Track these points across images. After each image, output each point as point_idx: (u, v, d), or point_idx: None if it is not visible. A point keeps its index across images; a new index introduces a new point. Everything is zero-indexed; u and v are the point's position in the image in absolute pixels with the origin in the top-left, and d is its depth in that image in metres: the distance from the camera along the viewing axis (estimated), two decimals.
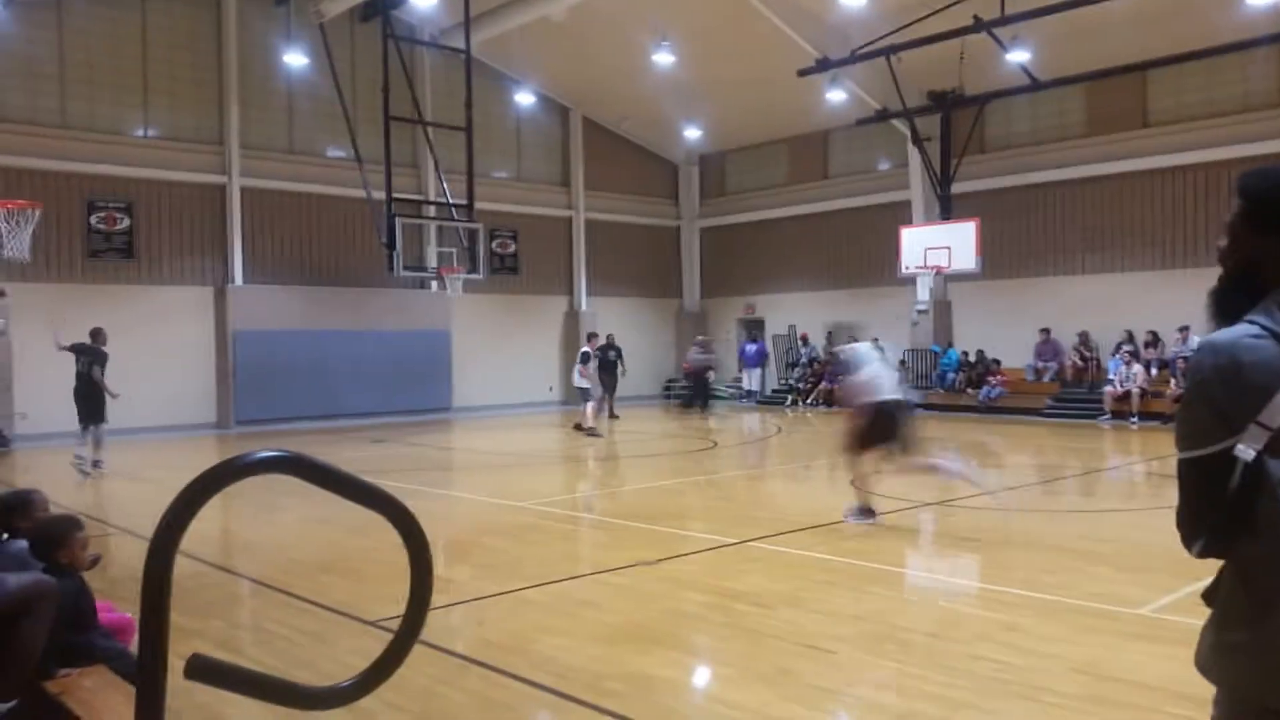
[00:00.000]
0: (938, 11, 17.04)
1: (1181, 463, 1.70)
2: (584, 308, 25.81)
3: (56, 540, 3.66)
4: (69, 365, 13.38)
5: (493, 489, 12.20)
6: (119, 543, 8.40)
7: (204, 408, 19.81)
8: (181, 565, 6.23)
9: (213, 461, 1.52)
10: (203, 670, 1.51)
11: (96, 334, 13.28)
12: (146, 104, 19.48)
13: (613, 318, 26.03)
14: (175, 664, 1.44)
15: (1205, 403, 1.65)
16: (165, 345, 19.00)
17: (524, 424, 20.20)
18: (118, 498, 11.52)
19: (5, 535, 3.93)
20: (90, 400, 12.94)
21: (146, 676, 1.48)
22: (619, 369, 21.54)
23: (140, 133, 19.47)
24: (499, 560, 7.73)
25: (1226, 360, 1.63)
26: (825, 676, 4.78)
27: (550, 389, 25.00)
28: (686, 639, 5.58)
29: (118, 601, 4.69)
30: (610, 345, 21.43)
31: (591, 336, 19.85)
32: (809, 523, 8.73)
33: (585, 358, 18.28)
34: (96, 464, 13.05)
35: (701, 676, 5.12)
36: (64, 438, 13.81)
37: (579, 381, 18.09)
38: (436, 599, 1.73)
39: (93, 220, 18.61)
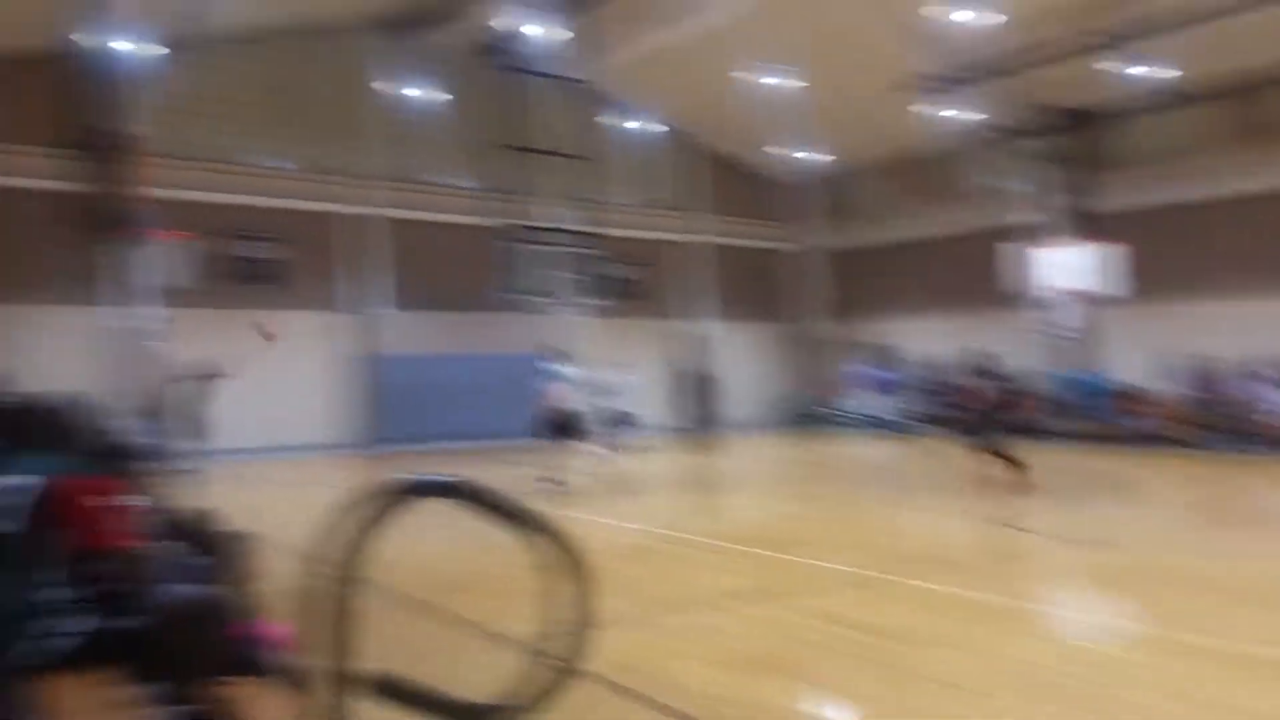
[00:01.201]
0: (1069, 26, 16.51)
1: None
2: (704, 332, 25.83)
3: (228, 555, 3.86)
4: (236, 384, 15.68)
5: (617, 511, 12.26)
6: (273, 557, 8.76)
7: (347, 428, 20.62)
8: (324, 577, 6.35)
9: (360, 480, 1.57)
10: (388, 686, 1.56)
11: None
12: (289, 139, 20.56)
13: (736, 342, 26.02)
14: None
15: None
16: (311, 368, 19.87)
17: (649, 448, 20.23)
18: (272, 513, 12.00)
19: (185, 550, 4.16)
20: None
21: (334, 688, 1.54)
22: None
23: (287, 166, 20.54)
24: (624, 583, 7.72)
25: None
26: (971, 718, 4.60)
27: None
28: (822, 672, 5.46)
29: (273, 615, 4.89)
30: None
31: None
32: (950, 557, 8.47)
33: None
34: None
35: (840, 712, 5.01)
36: (236, 454, 14.77)
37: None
38: (564, 619, 1.75)
39: (241, 250, 19.68)
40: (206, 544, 4.01)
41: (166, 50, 13.48)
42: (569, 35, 19.97)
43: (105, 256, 11.77)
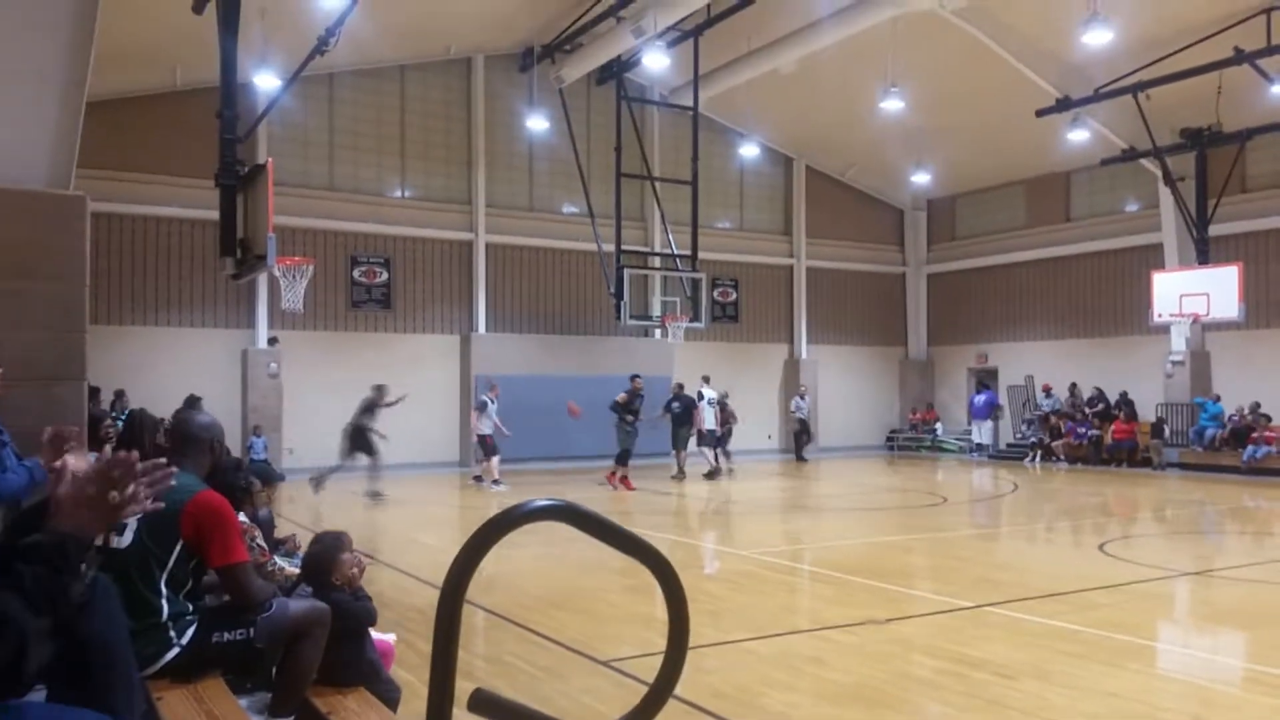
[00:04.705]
0: (1193, 44, 15.95)
1: None
2: (804, 355, 25.64)
3: (326, 566, 4.03)
4: (332, 406, 16.57)
5: (712, 535, 12.24)
6: (374, 572, 9.05)
7: (449, 447, 21.15)
8: (428, 594, 6.67)
9: (459, 497, 1.66)
10: (483, 704, 1.64)
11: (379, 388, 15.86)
12: (404, 168, 21.30)
13: (834, 366, 25.79)
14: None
15: None
16: (416, 388, 20.41)
17: (744, 471, 20.19)
18: (375, 529, 12.40)
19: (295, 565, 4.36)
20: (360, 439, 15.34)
21: (435, 708, 1.63)
22: (692, 420, 19.20)
23: (398, 194, 21.28)
24: (721, 608, 7.74)
25: None
26: None
27: (769, 437, 24.96)
28: (922, 706, 5.37)
29: (379, 628, 5.07)
30: (677, 396, 19.19)
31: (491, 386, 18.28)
32: (1052, 589, 8.22)
33: (483, 406, 17.35)
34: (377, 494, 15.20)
35: None
36: (348, 471, 15.36)
37: (482, 429, 17.24)
38: (659, 644, 1.80)
39: (355, 274, 20.44)
40: (313, 558, 4.19)
41: (290, 83, 14.24)
42: (679, 63, 20.20)
43: (236, 282, 12.42)
